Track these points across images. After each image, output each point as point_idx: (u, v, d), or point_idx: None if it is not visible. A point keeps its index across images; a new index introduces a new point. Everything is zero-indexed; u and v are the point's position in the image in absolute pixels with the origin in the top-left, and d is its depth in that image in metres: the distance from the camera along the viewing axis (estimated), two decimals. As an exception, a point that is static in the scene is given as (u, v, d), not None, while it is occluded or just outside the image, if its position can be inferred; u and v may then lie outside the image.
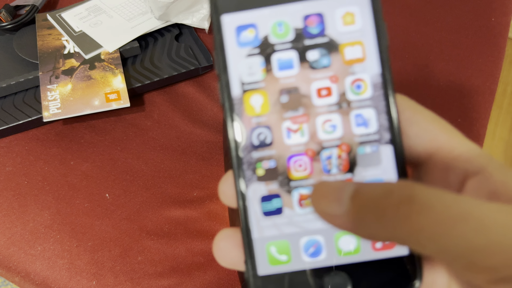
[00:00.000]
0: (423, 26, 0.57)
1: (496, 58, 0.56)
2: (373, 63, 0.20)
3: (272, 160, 0.20)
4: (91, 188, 0.46)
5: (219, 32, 0.20)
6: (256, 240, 0.20)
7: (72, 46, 0.52)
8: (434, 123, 0.19)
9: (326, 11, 0.20)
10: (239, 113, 0.20)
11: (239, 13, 0.20)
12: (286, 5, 0.20)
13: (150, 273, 0.42)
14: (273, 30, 0.20)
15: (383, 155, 0.20)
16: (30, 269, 0.43)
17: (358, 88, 0.20)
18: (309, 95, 0.20)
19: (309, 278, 0.19)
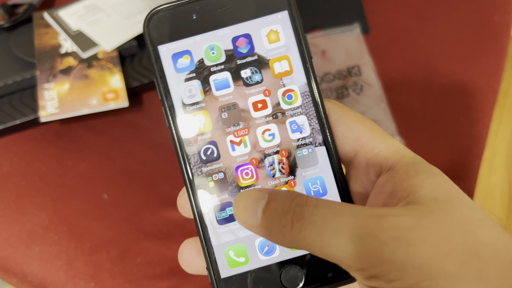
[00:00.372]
0: (425, 25, 0.56)
1: (499, 57, 0.55)
2: (300, 74, 0.22)
3: (221, 172, 0.22)
4: (89, 188, 0.46)
5: (157, 61, 0.22)
6: (215, 247, 0.22)
7: (69, 45, 0.51)
8: (359, 123, 0.22)
9: (253, 32, 0.22)
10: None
11: (174, 43, 0.22)
12: (215, 30, 0.22)
13: (149, 275, 0.42)
14: (206, 54, 0.22)
15: (319, 155, 0.22)
16: (28, 271, 0.43)
17: (290, 98, 0.22)
18: (247, 109, 0.22)
19: (267, 274, 0.22)
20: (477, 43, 0.55)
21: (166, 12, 0.22)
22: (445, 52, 0.54)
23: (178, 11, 0.22)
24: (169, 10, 0.22)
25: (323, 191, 0.22)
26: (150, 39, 0.22)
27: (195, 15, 0.22)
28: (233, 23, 0.22)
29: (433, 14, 0.57)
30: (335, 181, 0.22)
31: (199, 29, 0.22)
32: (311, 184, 0.22)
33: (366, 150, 0.21)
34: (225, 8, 0.22)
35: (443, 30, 0.56)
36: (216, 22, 0.22)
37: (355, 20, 0.56)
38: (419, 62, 0.54)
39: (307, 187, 0.22)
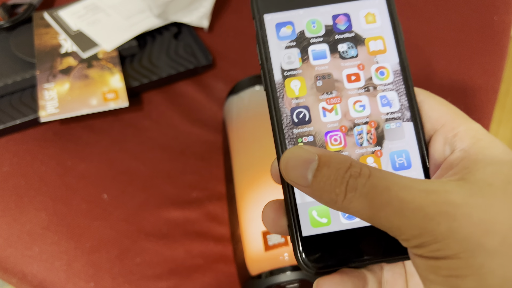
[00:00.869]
0: (425, 25, 0.56)
1: (499, 57, 0.55)
2: (393, 54, 0.24)
3: (311, 135, 0.23)
4: (89, 188, 0.46)
5: (262, 28, 0.24)
6: (299, 205, 0.22)
7: (69, 45, 0.51)
8: (442, 105, 0.23)
9: (352, 12, 0.24)
10: (281, 96, 0.23)
11: (278, 13, 0.24)
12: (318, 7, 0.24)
13: (149, 275, 0.42)
14: (307, 26, 0.24)
15: (406, 130, 0.23)
16: (27, 271, 0.42)
17: (382, 74, 0.24)
18: (341, 80, 0.24)
19: (348, 237, 0.22)
20: (477, 43, 0.55)
21: None
22: (445, 52, 0.54)
23: None
24: None
25: (407, 164, 0.23)
26: (257, 6, 0.24)
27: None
28: (335, 2, 0.24)
29: (433, 14, 0.57)
30: (420, 156, 0.23)
31: (303, 3, 0.24)
32: (396, 156, 0.23)
33: (446, 130, 0.22)
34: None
35: (443, 30, 0.56)
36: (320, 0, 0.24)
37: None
38: (419, 62, 0.54)
39: (393, 159, 0.23)
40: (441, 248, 0.17)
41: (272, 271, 0.36)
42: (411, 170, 0.23)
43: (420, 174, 0.23)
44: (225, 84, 0.52)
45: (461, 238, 0.17)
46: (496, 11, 0.57)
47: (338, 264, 0.22)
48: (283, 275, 0.36)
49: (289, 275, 0.36)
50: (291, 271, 0.36)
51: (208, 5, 0.54)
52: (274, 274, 0.36)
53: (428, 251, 0.17)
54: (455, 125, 0.22)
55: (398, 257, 0.22)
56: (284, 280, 0.36)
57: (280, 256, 0.37)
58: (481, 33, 0.56)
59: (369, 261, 0.22)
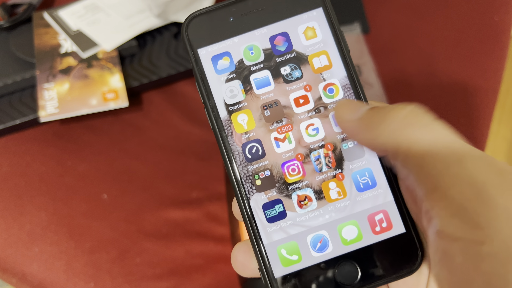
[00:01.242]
0: (425, 25, 0.56)
1: (499, 57, 0.55)
2: (340, 68, 0.23)
3: (267, 170, 0.22)
4: (88, 188, 0.46)
5: (198, 64, 0.22)
6: (267, 246, 0.22)
7: (69, 45, 0.51)
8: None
9: (290, 30, 0.23)
10: (229, 133, 0.22)
11: (213, 46, 0.22)
12: (253, 31, 0.23)
13: (148, 275, 0.42)
14: (245, 54, 0.23)
15: (365, 147, 0.22)
16: (27, 271, 0.42)
17: (331, 92, 0.23)
18: (289, 105, 0.22)
19: (322, 271, 0.21)
20: (477, 43, 0.55)
21: (203, 17, 0.23)
22: (445, 52, 0.54)
23: (215, 15, 0.23)
24: (207, 14, 0.23)
25: (372, 183, 0.22)
26: (189, 43, 0.22)
27: (232, 18, 0.23)
28: (270, 23, 0.23)
29: (433, 14, 0.57)
30: (383, 171, 0.22)
31: (237, 30, 0.23)
32: (359, 176, 0.22)
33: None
34: (260, 9, 0.23)
35: (443, 30, 0.56)
36: (253, 23, 0.23)
37: (355, 20, 0.56)
38: (419, 62, 0.54)
39: (356, 179, 0.22)
40: (490, 225, 0.14)
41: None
42: (377, 188, 0.22)
43: (387, 192, 0.22)
44: (225, 84, 0.52)
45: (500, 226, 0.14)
46: (496, 11, 0.57)
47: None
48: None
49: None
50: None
51: (208, 5, 0.54)
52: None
53: (471, 224, 0.15)
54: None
55: (376, 282, 0.21)
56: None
57: (280, 256, 0.37)
58: (481, 33, 0.56)
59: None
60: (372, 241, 0.22)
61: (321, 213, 0.22)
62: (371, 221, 0.22)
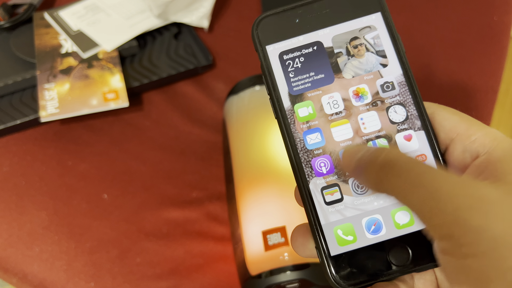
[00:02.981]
0: (425, 25, 0.56)
1: (499, 57, 0.55)
2: (396, 66, 0.24)
3: (326, 155, 0.24)
4: (89, 188, 0.46)
5: (265, 59, 0.24)
6: (324, 226, 0.23)
7: (70, 45, 0.51)
8: (455, 115, 0.23)
9: (350, 30, 0.25)
10: (292, 122, 0.24)
11: (280, 43, 0.25)
12: (316, 31, 0.25)
13: (149, 275, 0.42)
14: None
15: (418, 139, 0.24)
16: (28, 271, 0.42)
17: (388, 87, 0.24)
18: (348, 98, 0.24)
19: (375, 251, 0.23)
20: (477, 43, 0.55)
21: (272, 17, 0.25)
22: (445, 52, 0.54)
23: (282, 16, 0.25)
24: (275, 15, 0.25)
25: None
26: (258, 40, 0.25)
27: (298, 19, 0.25)
28: (332, 24, 0.25)
29: (433, 14, 0.57)
30: (435, 163, 0.23)
31: (302, 30, 0.25)
32: None
33: (462, 138, 0.22)
34: (324, 12, 0.25)
35: (443, 30, 0.56)
36: (317, 24, 0.25)
37: (355, 20, 0.56)
38: (419, 62, 0.54)
39: None
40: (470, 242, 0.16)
41: (272, 271, 0.36)
42: None
43: None
44: (225, 84, 0.52)
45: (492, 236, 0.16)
46: (496, 11, 0.57)
47: (369, 280, 0.22)
48: (283, 275, 0.36)
49: (289, 275, 0.36)
50: (291, 271, 0.36)
51: (208, 5, 0.54)
52: (274, 274, 0.36)
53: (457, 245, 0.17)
54: (471, 132, 0.22)
55: (427, 265, 0.22)
56: (284, 280, 0.36)
57: (280, 256, 0.37)
58: (481, 33, 0.56)
59: (399, 273, 0.22)
60: (423, 226, 0.22)
61: (376, 198, 0.23)
62: None
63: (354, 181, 0.24)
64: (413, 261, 0.22)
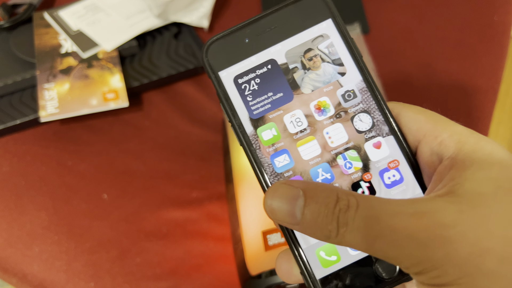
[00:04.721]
0: (425, 25, 0.56)
1: (499, 57, 0.55)
2: (355, 73, 0.24)
3: (297, 177, 0.23)
4: (89, 188, 0.46)
5: (220, 85, 0.24)
6: (305, 250, 0.22)
7: (69, 45, 0.51)
8: (420, 114, 0.22)
9: (303, 43, 0.24)
10: (257, 147, 0.23)
11: (232, 67, 0.24)
12: (268, 48, 0.24)
13: (149, 275, 0.42)
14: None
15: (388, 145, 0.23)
16: (27, 271, 0.42)
17: (349, 96, 0.24)
18: (311, 114, 0.24)
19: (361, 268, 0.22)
20: (477, 43, 0.55)
21: (220, 41, 0.24)
22: (445, 52, 0.54)
23: (231, 38, 0.24)
24: (223, 39, 0.24)
25: (399, 179, 0.23)
26: (210, 67, 0.24)
27: (247, 39, 0.24)
28: (284, 39, 0.24)
29: (433, 14, 0.57)
30: (409, 166, 0.23)
31: (254, 50, 0.24)
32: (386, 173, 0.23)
33: (429, 139, 0.21)
34: (273, 27, 0.24)
35: (443, 30, 0.56)
36: (268, 41, 0.24)
37: (355, 20, 0.56)
38: (419, 62, 0.54)
39: (383, 177, 0.23)
40: (440, 274, 0.16)
41: (272, 271, 0.36)
42: (405, 183, 0.23)
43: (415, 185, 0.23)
44: (225, 84, 0.52)
45: (459, 263, 0.16)
46: (496, 11, 0.57)
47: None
48: (283, 275, 0.36)
49: (289, 275, 0.36)
50: (291, 271, 0.36)
51: (208, 5, 0.54)
52: (274, 274, 0.36)
53: (429, 278, 0.17)
54: (438, 132, 0.21)
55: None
56: (284, 280, 0.36)
57: (280, 256, 0.37)
58: (481, 33, 0.56)
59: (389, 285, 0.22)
60: None
61: None
62: None
63: None
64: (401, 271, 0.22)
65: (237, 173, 0.42)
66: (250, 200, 0.40)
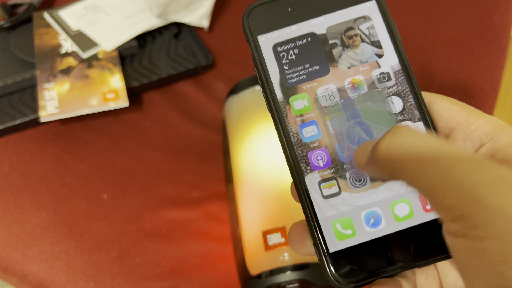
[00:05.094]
0: (425, 25, 0.56)
1: (499, 57, 0.55)
2: (393, 56, 0.24)
3: (323, 149, 0.23)
4: (89, 188, 0.46)
5: (257, 50, 0.24)
6: (322, 221, 0.22)
7: (69, 45, 0.51)
8: (453, 104, 0.22)
9: (344, 20, 0.24)
10: (285, 115, 0.23)
11: (272, 33, 0.24)
12: (310, 20, 0.24)
13: (149, 275, 0.42)
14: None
15: (417, 129, 0.23)
16: (28, 271, 0.42)
17: (384, 78, 0.24)
18: (344, 89, 0.23)
19: (376, 247, 0.22)
20: (477, 43, 0.55)
21: (263, 6, 0.24)
22: (445, 52, 0.54)
23: (274, 5, 0.24)
24: (267, 4, 0.24)
25: None
26: (249, 30, 0.24)
27: (290, 8, 0.24)
28: (326, 13, 0.24)
29: (433, 14, 0.57)
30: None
31: (295, 19, 0.24)
32: None
33: (462, 127, 0.22)
34: (317, 1, 0.24)
35: (443, 30, 0.56)
36: (310, 13, 0.24)
37: (355, 20, 0.56)
38: (419, 62, 0.54)
39: None
40: (486, 224, 0.15)
41: (272, 271, 0.36)
42: None
43: None
44: (225, 84, 0.52)
45: (510, 216, 0.15)
46: (496, 11, 0.57)
47: (370, 276, 0.21)
48: (283, 275, 0.36)
49: (289, 275, 0.36)
50: (291, 271, 0.36)
51: (208, 5, 0.54)
52: (274, 274, 0.36)
53: (469, 226, 0.16)
54: (471, 121, 0.21)
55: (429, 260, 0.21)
56: (284, 280, 0.36)
57: (280, 256, 0.37)
58: (481, 33, 0.56)
59: (400, 269, 0.21)
60: (424, 219, 0.22)
61: (374, 191, 0.23)
62: (422, 199, 0.22)
63: (352, 174, 0.23)
64: (414, 256, 0.21)
65: (237, 173, 0.42)
66: (250, 200, 0.40)
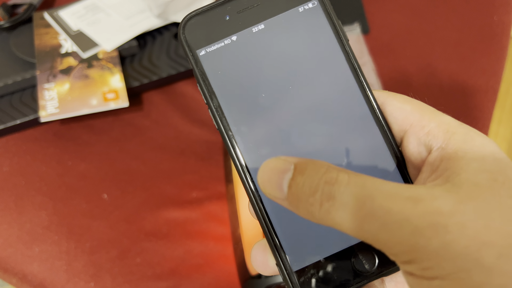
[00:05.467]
0: (425, 25, 0.56)
1: (499, 57, 0.55)
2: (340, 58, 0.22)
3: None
4: (89, 188, 0.46)
5: (197, 65, 0.22)
6: (282, 239, 0.21)
7: (69, 45, 0.51)
8: (406, 104, 0.21)
9: (286, 23, 0.22)
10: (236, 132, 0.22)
11: (211, 46, 0.22)
12: (250, 28, 0.22)
13: (149, 275, 0.42)
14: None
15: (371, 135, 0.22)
16: (28, 271, 0.42)
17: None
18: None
19: (339, 261, 0.21)
20: (477, 43, 0.55)
21: (199, 17, 0.22)
22: (445, 52, 0.54)
23: (210, 15, 0.22)
24: (202, 15, 0.22)
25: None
26: (187, 44, 0.22)
27: (228, 16, 0.22)
28: (266, 18, 0.22)
29: (433, 14, 0.57)
30: (394, 160, 0.22)
31: (234, 28, 0.22)
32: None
33: (416, 129, 0.21)
34: (256, 5, 0.22)
35: (443, 30, 0.56)
36: (250, 20, 0.22)
37: (355, 20, 0.56)
38: (419, 62, 0.54)
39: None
40: (433, 266, 0.15)
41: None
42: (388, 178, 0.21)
43: (398, 180, 0.21)
44: (225, 84, 0.52)
45: (454, 255, 0.15)
46: (496, 11, 0.57)
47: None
48: (283, 275, 0.36)
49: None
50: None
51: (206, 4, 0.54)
52: (274, 274, 0.36)
53: (420, 268, 0.16)
54: (425, 122, 0.20)
55: (395, 267, 0.21)
56: (284, 280, 0.36)
57: (280, 256, 0.37)
58: (481, 33, 0.56)
59: (368, 279, 0.21)
60: None
61: None
62: None
63: None
64: (379, 265, 0.21)
65: (237, 173, 0.42)
66: (250, 200, 0.40)
